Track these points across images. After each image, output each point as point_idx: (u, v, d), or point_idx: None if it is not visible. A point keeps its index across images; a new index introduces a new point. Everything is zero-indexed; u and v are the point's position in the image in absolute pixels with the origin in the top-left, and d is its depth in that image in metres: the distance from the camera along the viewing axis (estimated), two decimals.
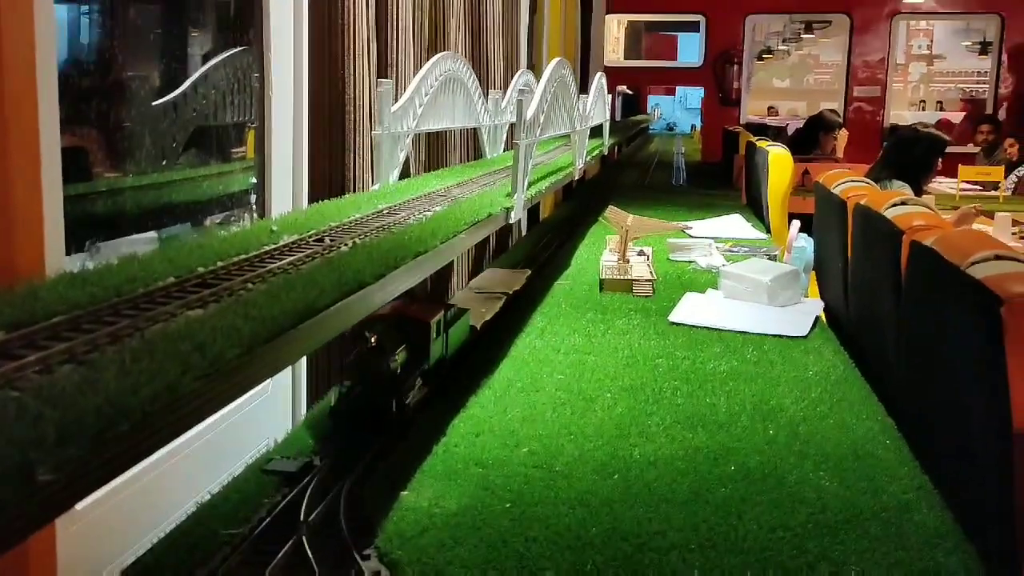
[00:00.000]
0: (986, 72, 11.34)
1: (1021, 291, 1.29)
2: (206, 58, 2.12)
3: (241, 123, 2.18)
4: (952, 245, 1.62)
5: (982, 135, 8.52)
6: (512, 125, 2.96)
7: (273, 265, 1.18)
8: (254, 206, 2.14)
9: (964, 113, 12.44)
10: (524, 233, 4.68)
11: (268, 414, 2.01)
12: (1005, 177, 6.98)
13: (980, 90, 11.79)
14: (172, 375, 0.73)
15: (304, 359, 2.15)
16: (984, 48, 12.06)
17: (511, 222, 2.27)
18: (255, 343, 0.88)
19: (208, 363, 0.79)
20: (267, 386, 2.01)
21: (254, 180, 2.14)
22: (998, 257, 1.45)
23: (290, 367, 2.10)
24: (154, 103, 1.95)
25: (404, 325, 1.80)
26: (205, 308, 0.93)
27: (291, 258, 1.23)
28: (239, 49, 2.16)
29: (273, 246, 1.29)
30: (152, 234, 1.94)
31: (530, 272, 3.13)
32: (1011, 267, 1.41)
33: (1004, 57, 10.31)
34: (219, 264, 1.14)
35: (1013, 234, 4.85)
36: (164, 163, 1.96)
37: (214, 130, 2.14)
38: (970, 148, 8.67)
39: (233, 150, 2.22)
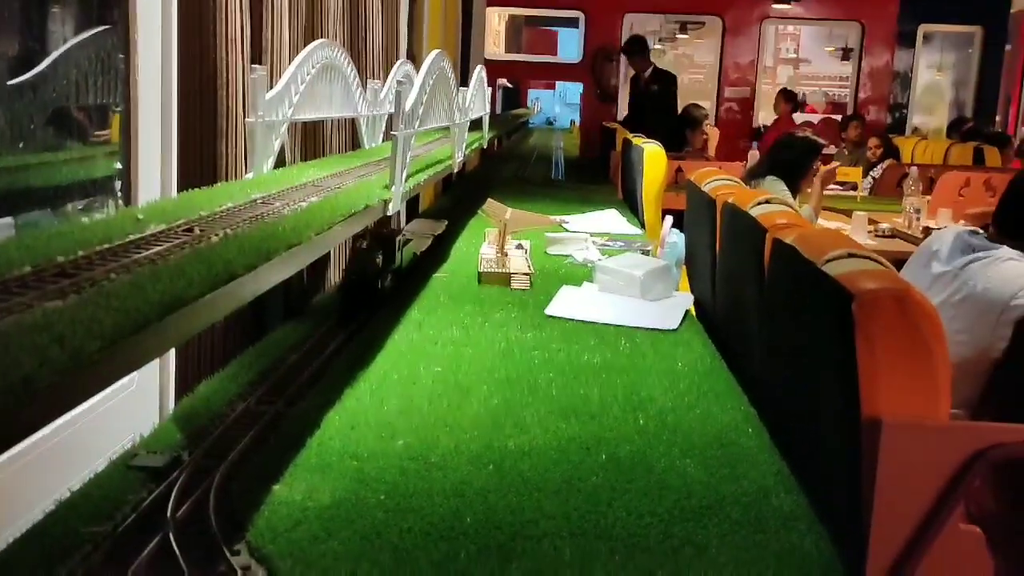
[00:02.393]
0: (847, 77, 11.90)
1: (871, 288, 1.37)
2: (67, 37, 2.03)
3: (104, 105, 2.09)
4: (810, 243, 1.70)
5: (855, 131, 8.82)
6: (391, 116, 2.94)
7: (139, 255, 1.14)
8: (119, 193, 2.06)
9: (824, 115, 13.02)
10: (403, 225, 4.65)
11: (133, 408, 1.94)
12: (863, 177, 7.37)
13: (842, 94, 12.38)
14: (28, 368, 0.70)
15: (172, 352, 2.09)
16: (846, 54, 12.66)
17: (389, 214, 2.25)
18: (118, 335, 0.85)
19: (68, 356, 0.76)
20: (132, 379, 1.94)
21: (119, 166, 2.05)
22: (851, 255, 1.53)
23: (157, 360, 2.04)
24: (9, 82, 1.85)
25: (381, 237, 2.62)
26: (65, 299, 0.89)
27: (158, 248, 1.19)
28: (103, 28, 2.07)
29: (139, 235, 1.24)
30: (8, 220, 1.84)
31: (447, 222, 3.68)
32: (863, 265, 1.49)
33: (863, 63, 10.84)
34: (80, 253, 1.09)
35: (869, 232, 5.12)
36: (20, 145, 1.86)
37: (75, 112, 2.04)
38: (833, 149, 9.05)
39: (96, 133, 2.13)
